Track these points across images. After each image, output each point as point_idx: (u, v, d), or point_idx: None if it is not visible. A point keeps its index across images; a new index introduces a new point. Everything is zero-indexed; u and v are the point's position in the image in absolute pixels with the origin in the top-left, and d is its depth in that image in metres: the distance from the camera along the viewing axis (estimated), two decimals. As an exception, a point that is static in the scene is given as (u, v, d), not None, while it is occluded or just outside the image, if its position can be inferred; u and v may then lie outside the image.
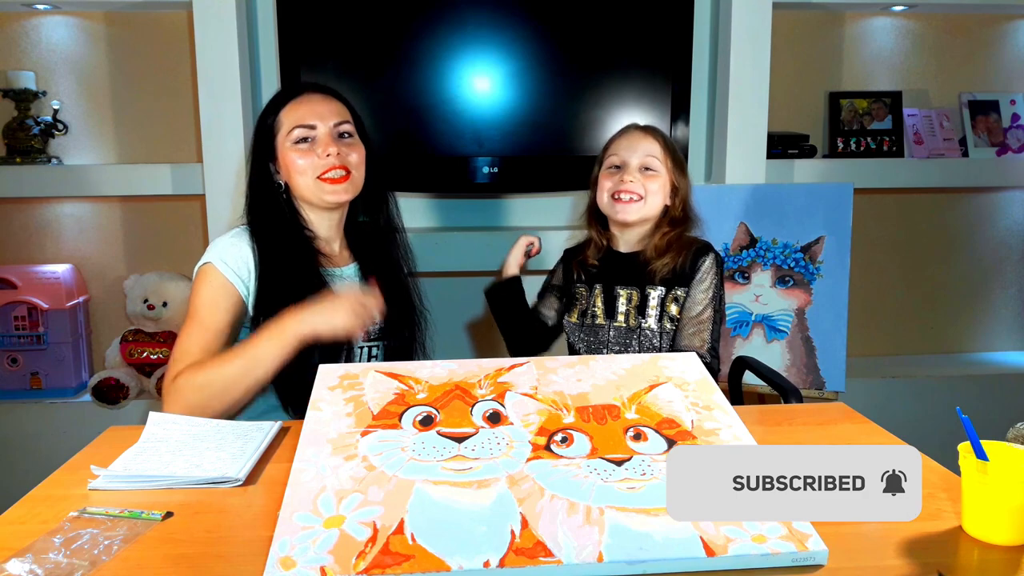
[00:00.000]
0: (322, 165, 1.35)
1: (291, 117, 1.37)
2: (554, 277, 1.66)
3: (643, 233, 1.53)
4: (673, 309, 1.49)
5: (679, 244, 1.50)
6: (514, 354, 1.65)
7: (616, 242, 1.56)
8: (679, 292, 1.48)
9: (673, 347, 1.49)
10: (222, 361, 1.20)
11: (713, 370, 1.56)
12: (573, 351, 1.58)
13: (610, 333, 1.51)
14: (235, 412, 1.24)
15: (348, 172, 1.37)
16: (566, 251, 1.66)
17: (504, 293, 1.63)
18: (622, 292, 1.51)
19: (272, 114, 1.39)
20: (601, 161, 1.56)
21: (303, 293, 1.33)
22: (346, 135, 1.39)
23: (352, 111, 1.43)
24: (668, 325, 1.49)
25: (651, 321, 1.49)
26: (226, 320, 1.30)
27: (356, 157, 1.39)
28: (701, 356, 1.52)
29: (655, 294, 1.49)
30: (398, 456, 0.88)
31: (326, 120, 1.36)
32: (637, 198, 1.48)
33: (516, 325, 1.65)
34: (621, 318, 1.51)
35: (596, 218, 1.58)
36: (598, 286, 1.54)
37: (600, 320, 1.53)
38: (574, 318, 1.57)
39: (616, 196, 1.49)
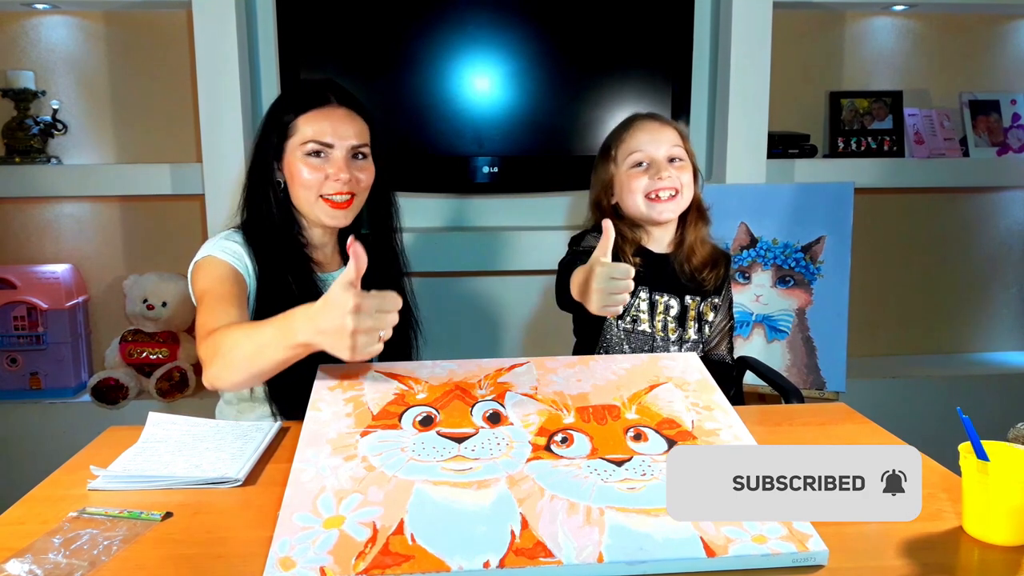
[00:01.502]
0: (329, 187, 1.31)
1: (311, 127, 1.31)
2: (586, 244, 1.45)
3: (672, 231, 1.48)
4: (710, 316, 1.48)
5: (715, 253, 1.48)
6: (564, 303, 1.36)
7: (645, 239, 1.47)
8: (716, 300, 1.48)
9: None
10: (237, 336, 1.09)
11: (733, 374, 1.56)
12: (604, 349, 1.48)
13: (663, 345, 1.45)
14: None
15: (352, 197, 1.32)
16: (589, 238, 1.46)
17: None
18: (660, 299, 1.46)
19: (291, 113, 1.33)
20: (615, 158, 1.45)
21: (294, 298, 1.31)
22: (360, 156, 1.34)
23: (371, 125, 1.38)
24: (707, 333, 1.49)
25: (691, 332, 1.47)
26: (237, 293, 1.24)
27: (365, 179, 1.34)
28: (728, 363, 1.53)
29: (694, 303, 1.47)
30: (398, 456, 0.88)
31: (346, 140, 1.31)
32: (675, 193, 1.40)
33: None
34: (659, 326, 1.46)
35: (618, 216, 1.47)
36: (643, 290, 1.45)
37: (644, 327, 1.46)
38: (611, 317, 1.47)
39: (654, 195, 1.40)
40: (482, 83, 2.24)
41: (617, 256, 1.42)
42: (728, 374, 1.53)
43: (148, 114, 2.39)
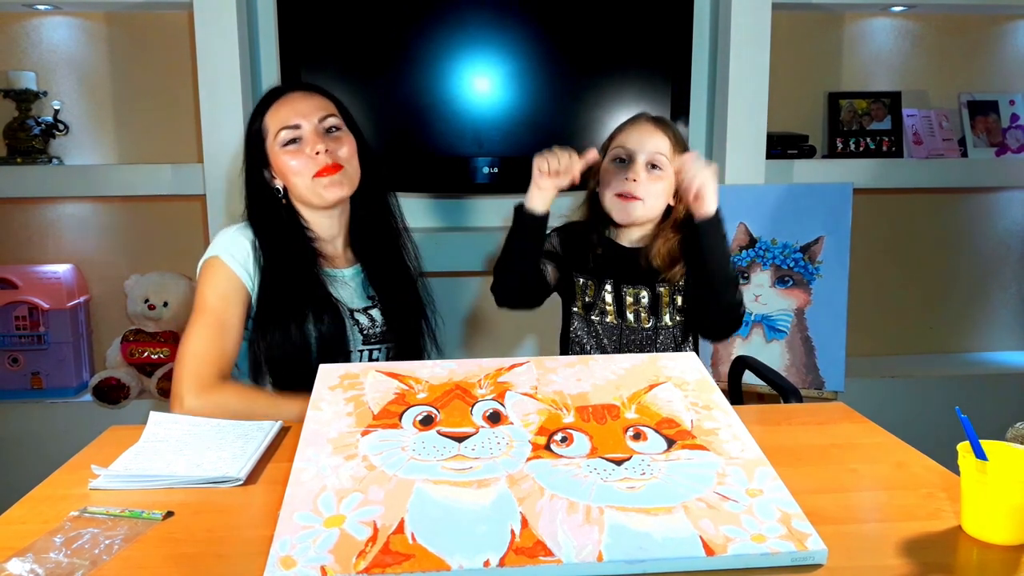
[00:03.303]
0: (314, 164, 1.33)
1: (275, 120, 1.36)
2: (548, 245, 1.52)
3: (645, 230, 1.49)
4: (679, 300, 1.48)
5: (679, 255, 1.47)
6: (504, 288, 1.48)
7: (616, 234, 1.51)
8: (682, 283, 1.48)
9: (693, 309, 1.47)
10: (246, 396, 1.23)
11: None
12: (576, 344, 1.52)
13: (632, 335, 1.47)
14: None
15: (341, 166, 1.35)
16: (564, 228, 1.56)
17: (534, 226, 1.40)
18: (630, 291, 1.48)
19: (258, 120, 1.38)
20: (606, 149, 1.49)
21: (302, 297, 1.33)
22: (333, 129, 1.37)
23: (338, 104, 1.42)
24: (680, 318, 1.49)
25: (667, 319, 1.48)
26: (236, 315, 1.29)
27: (347, 150, 1.37)
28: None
29: (666, 290, 1.47)
30: (398, 456, 0.88)
31: (310, 117, 1.35)
32: (638, 200, 1.43)
33: (527, 261, 1.44)
34: (632, 317, 1.48)
35: (596, 206, 1.51)
36: (608, 282, 1.48)
37: (611, 319, 1.49)
38: (578, 309, 1.52)
39: (619, 194, 1.43)
40: (482, 83, 2.25)
41: (583, 244, 1.51)
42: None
43: (149, 114, 2.39)
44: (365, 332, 1.40)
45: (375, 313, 1.43)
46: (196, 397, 1.21)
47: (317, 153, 1.33)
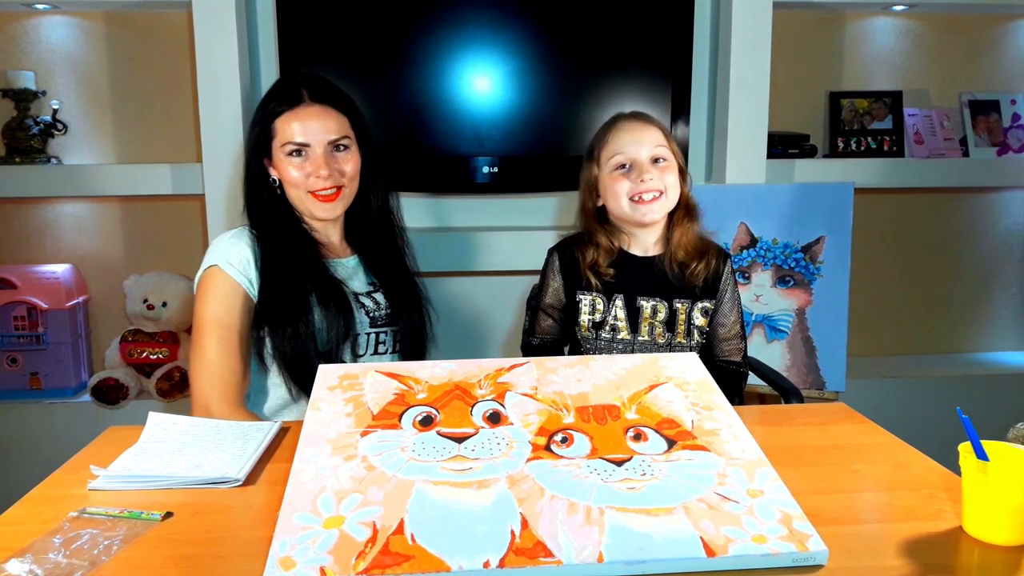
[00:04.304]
0: (313, 183, 1.34)
1: (285, 130, 1.34)
2: (549, 293, 1.49)
3: (659, 232, 1.44)
4: (700, 321, 1.44)
5: (704, 248, 1.43)
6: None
7: (628, 243, 1.45)
8: (707, 304, 1.44)
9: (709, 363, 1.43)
10: None
11: (744, 377, 1.53)
12: None
13: (646, 351, 1.42)
14: None
15: (339, 188, 1.36)
16: (564, 245, 1.49)
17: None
18: (646, 304, 1.42)
19: (270, 115, 1.36)
20: (598, 160, 1.42)
21: (306, 283, 1.33)
22: (342, 147, 1.37)
23: (353, 115, 1.40)
24: (697, 338, 1.44)
25: (681, 337, 1.43)
26: (246, 324, 1.31)
27: (351, 168, 1.38)
28: (743, 370, 1.51)
29: (683, 307, 1.43)
30: (398, 456, 0.88)
31: (320, 137, 1.34)
32: (659, 194, 1.37)
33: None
34: (646, 332, 1.43)
35: (600, 221, 1.45)
36: (619, 297, 1.42)
37: (624, 335, 1.43)
38: (586, 329, 1.45)
39: (637, 198, 1.38)
40: (482, 83, 2.24)
41: (588, 260, 1.43)
42: (738, 381, 1.50)
43: (148, 114, 2.39)
44: (371, 315, 1.41)
45: (379, 296, 1.43)
46: (229, 415, 1.23)
47: (319, 176, 1.34)
